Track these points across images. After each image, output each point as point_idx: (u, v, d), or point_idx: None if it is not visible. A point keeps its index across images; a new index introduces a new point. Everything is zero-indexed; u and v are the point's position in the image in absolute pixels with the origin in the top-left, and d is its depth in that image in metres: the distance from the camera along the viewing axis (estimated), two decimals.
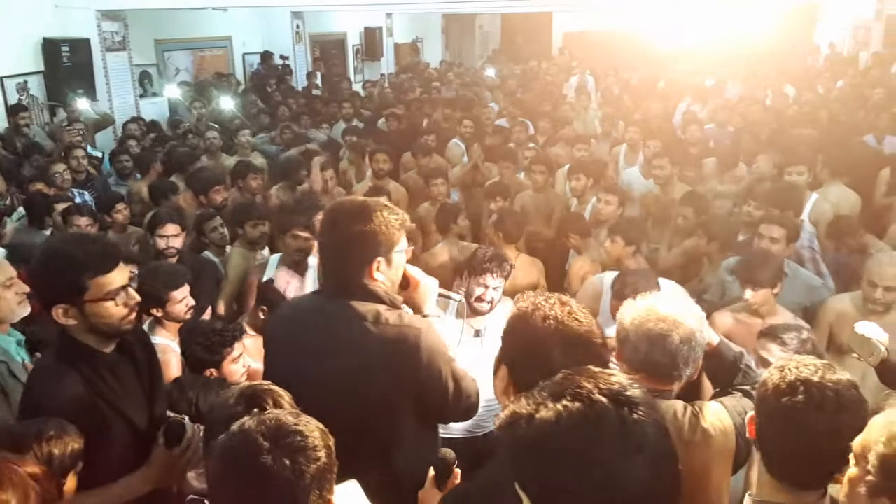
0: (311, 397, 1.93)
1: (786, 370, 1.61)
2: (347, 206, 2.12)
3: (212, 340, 2.85)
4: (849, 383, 1.59)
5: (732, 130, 7.77)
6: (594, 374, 1.17)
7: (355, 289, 2.06)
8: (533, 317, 1.67)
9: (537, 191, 5.94)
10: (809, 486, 1.57)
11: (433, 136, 7.48)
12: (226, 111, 9.26)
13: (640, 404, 1.11)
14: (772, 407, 1.60)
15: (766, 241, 3.86)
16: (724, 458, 1.90)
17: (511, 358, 1.69)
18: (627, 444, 1.07)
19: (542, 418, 1.10)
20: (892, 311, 3.46)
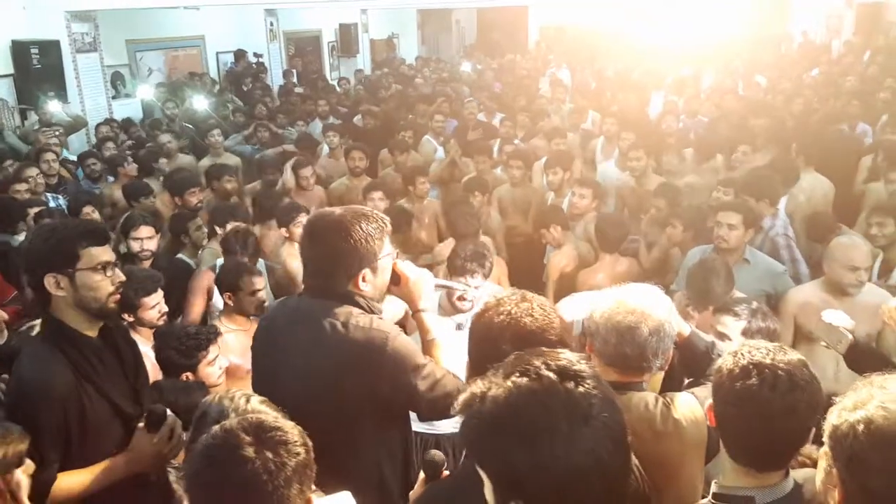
0: (285, 394, 1.98)
1: (738, 355, 1.63)
2: (326, 221, 2.11)
3: (186, 344, 2.84)
4: (800, 363, 1.62)
5: (706, 121, 7.81)
6: (543, 352, 1.21)
7: (337, 293, 2.09)
8: (490, 313, 1.73)
9: (514, 185, 5.95)
10: (771, 468, 1.60)
11: (410, 132, 7.47)
12: (200, 111, 9.17)
13: (587, 378, 1.15)
14: (727, 392, 1.62)
15: (724, 229, 3.89)
16: (696, 448, 1.93)
17: (470, 352, 1.76)
18: (575, 415, 1.10)
19: (492, 396, 1.14)
20: (855, 296, 3.52)
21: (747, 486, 1.60)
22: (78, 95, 9.20)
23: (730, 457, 1.64)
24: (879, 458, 1.26)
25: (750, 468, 1.60)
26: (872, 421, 1.28)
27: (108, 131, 7.96)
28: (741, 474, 1.62)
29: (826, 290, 3.62)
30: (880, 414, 1.28)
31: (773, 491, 1.58)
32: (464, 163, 6.89)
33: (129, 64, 10.94)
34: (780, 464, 1.60)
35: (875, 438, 1.27)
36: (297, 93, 11.24)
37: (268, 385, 2.12)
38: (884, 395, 1.31)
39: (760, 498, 1.58)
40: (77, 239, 2.12)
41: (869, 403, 1.31)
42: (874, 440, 1.27)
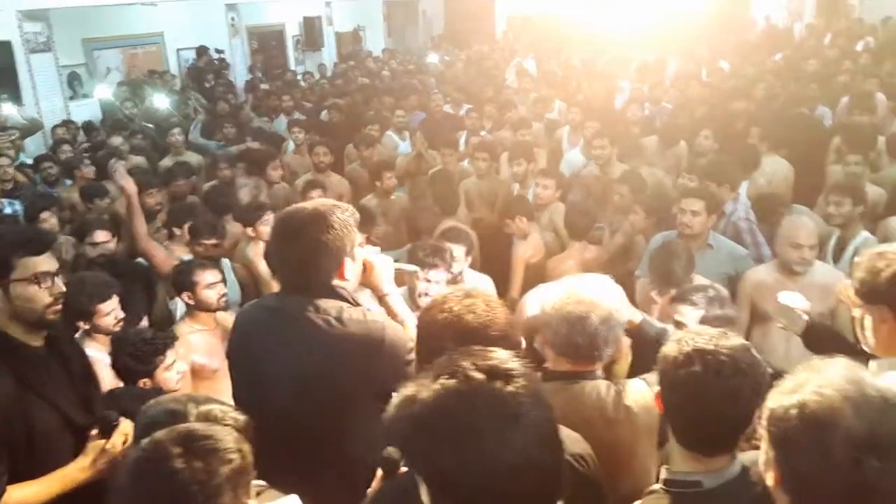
0: (271, 397, 2.03)
1: (682, 342, 1.65)
2: (304, 214, 2.09)
3: (142, 350, 2.79)
4: (742, 347, 1.64)
5: (670, 108, 7.85)
6: (474, 352, 1.20)
7: (319, 288, 2.09)
8: (434, 310, 1.73)
9: (481, 177, 5.94)
10: (717, 452, 1.62)
11: (377, 126, 7.41)
12: (161, 109, 9.02)
13: (517, 377, 1.14)
14: (673, 379, 1.64)
15: (687, 216, 3.94)
16: (648, 433, 1.96)
17: (417, 350, 1.78)
18: (503, 415, 1.10)
19: (421, 398, 1.14)
20: (808, 275, 3.60)
21: (695, 471, 1.62)
22: (33, 97, 8.99)
23: (677, 442, 1.66)
24: (810, 442, 1.27)
25: (697, 453, 1.63)
26: (806, 405, 1.29)
27: (64, 133, 7.80)
28: (689, 459, 1.64)
29: (780, 270, 3.70)
30: (814, 399, 1.29)
31: (721, 475, 1.61)
32: (431, 156, 6.87)
33: (86, 63, 10.73)
34: (727, 448, 1.63)
35: (807, 422, 1.28)
36: (261, 88, 11.10)
37: (254, 389, 2.11)
38: (820, 380, 1.32)
39: (708, 482, 1.61)
40: (11, 249, 2.07)
41: (805, 387, 1.32)
42: (806, 424, 1.28)
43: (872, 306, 1.91)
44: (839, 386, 1.30)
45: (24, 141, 8.08)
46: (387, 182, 5.73)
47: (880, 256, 1.91)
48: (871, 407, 1.27)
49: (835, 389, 1.29)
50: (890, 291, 1.85)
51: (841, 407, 1.27)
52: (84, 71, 10.59)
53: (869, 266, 1.91)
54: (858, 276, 1.94)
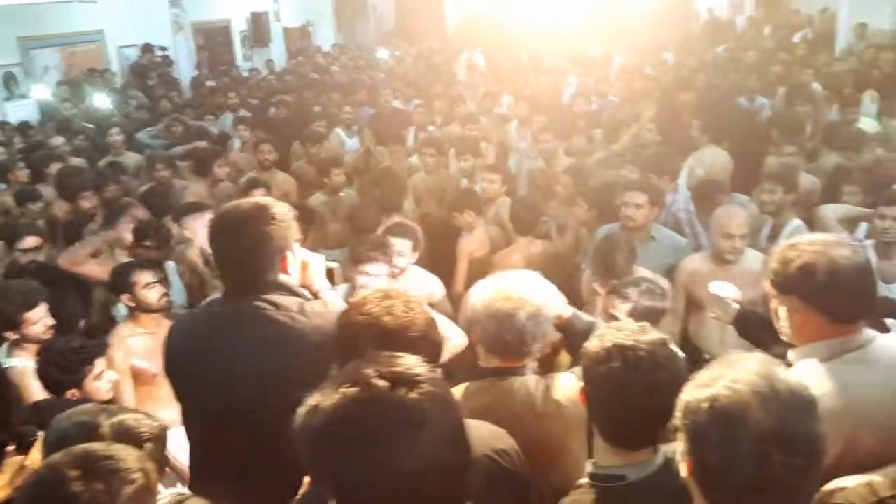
0: (231, 399, 1.99)
1: (602, 338, 1.69)
2: (245, 209, 2.07)
3: (69, 359, 2.69)
4: (660, 342, 1.67)
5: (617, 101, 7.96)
6: (379, 358, 1.19)
7: (268, 285, 2.06)
8: (352, 311, 1.72)
9: (429, 173, 5.94)
10: (640, 446, 1.65)
11: (324, 122, 7.35)
12: (101, 109, 8.79)
13: (422, 382, 1.13)
14: (594, 374, 1.67)
15: (631, 208, 3.99)
16: (578, 426, 1.97)
17: (336, 352, 1.74)
18: (407, 422, 1.09)
19: (324, 408, 1.12)
20: (740, 263, 3.67)
21: (619, 465, 1.65)
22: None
23: (601, 437, 1.68)
24: (718, 436, 1.30)
25: (620, 448, 1.65)
26: (717, 399, 1.31)
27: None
28: (613, 453, 1.66)
29: (713, 259, 3.78)
30: (725, 393, 1.31)
31: (644, 467, 1.64)
32: (379, 152, 6.85)
33: (22, 63, 10.39)
34: (649, 441, 1.65)
35: (717, 416, 1.30)
36: (207, 85, 10.91)
37: (210, 393, 2.05)
38: (732, 374, 1.34)
39: (632, 475, 1.63)
40: None
41: (718, 382, 1.34)
42: (716, 418, 1.30)
43: (785, 296, 1.92)
44: (750, 381, 1.32)
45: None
46: (335, 179, 5.69)
47: (792, 247, 1.91)
48: (780, 402, 1.29)
49: (745, 384, 1.31)
50: (800, 282, 1.86)
51: (750, 402, 1.29)
52: (20, 71, 10.26)
53: (780, 257, 1.92)
54: (771, 266, 1.95)
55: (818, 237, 1.93)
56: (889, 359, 1.86)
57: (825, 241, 1.89)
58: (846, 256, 1.83)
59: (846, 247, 1.87)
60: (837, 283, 1.81)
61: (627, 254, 3.46)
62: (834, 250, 1.84)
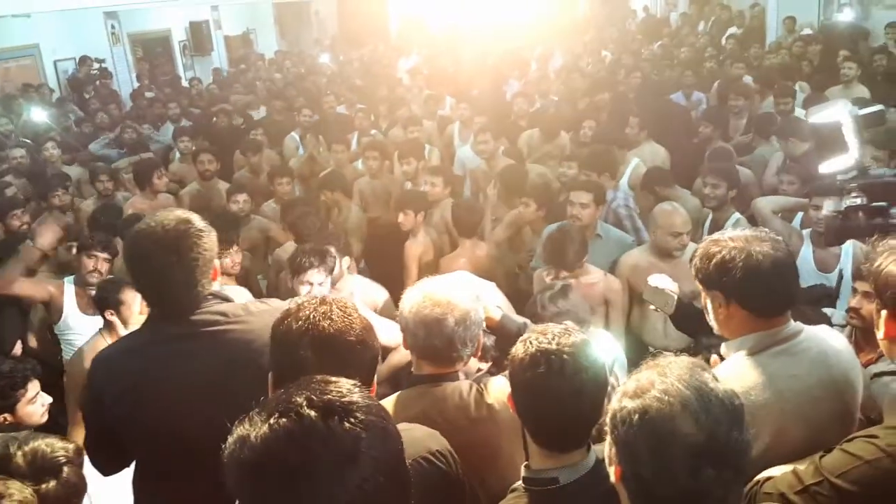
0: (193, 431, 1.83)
1: (527, 343, 1.68)
2: (173, 227, 1.99)
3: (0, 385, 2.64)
4: (583, 343, 1.68)
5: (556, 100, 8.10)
6: (311, 385, 1.14)
7: (205, 298, 2.04)
8: (289, 319, 1.66)
9: (373, 177, 5.97)
10: (570, 448, 1.65)
11: (261, 130, 7.32)
12: (39, 124, 8.60)
13: (356, 411, 1.08)
14: (520, 380, 1.67)
15: (577, 208, 4.08)
16: (512, 430, 1.92)
17: (273, 364, 1.67)
18: (338, 455, 1.05)
19: (251, 441, 1.06)
20: (678, 257, 3.76)
21: (551, 468, 1.65)
22: None
23: (532, 440, 1.68)
24: (648, 449, 1.31)
25: (552, 450, 1.65)
26: (647, 412, 1.32)
27: None
28: (545, 457, 1.66)
29: (653, 253, 3.87)
30: (655, 406, 1.32)
31: (576, 469, 1.64)
32: (324, 157, 6.85)
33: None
34: (579, 442, 1.66)
35: (647, 430, 1.31)
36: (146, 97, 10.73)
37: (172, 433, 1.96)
38: (663, 385, 1.35)
39: (564, 477, 1.63)
40: None
41: (648, 392, 1.35)
42: (646, 431, 1.31)
43: (709, 291, 1.93)
44: (680, 392, 1.32)
45: None
46: (279, 188, 5.70)
47: (714, 242, 1.92)
48: (710, 416, 1.30)
49: (675, 396, 1.32)
50: (720, 278, 1.87)
51: (681, 415, 1.30)
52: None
53: (703, 252, 1.93)
54: (695, 262, 1.96)
55: (740, 233, 1.93)
56: (816, 351, 1.87)
57: (746, 237, 1.89)
58: (764, 252, 1.83)
59: (767, 241, 1.87)
60: (755, 279, 1.82)
61: (579, 246, 3.60)
62: (753, 245, 1.84)
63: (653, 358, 1.46)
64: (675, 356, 1.44)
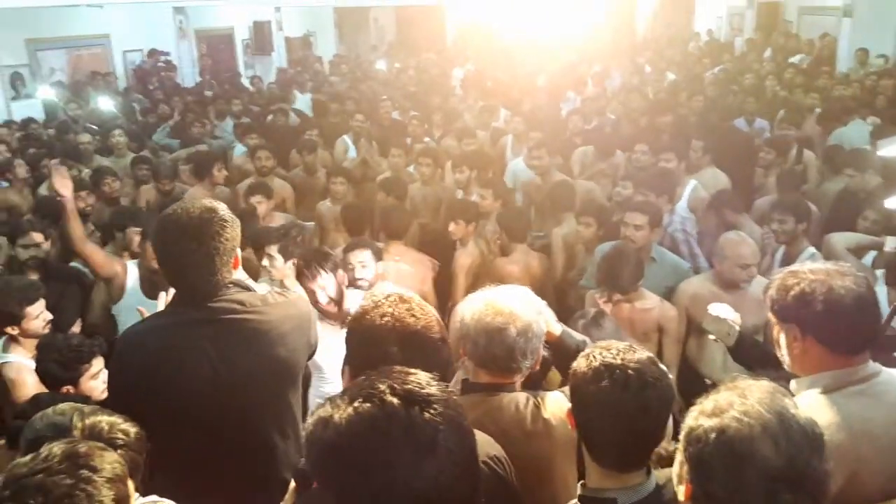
0: (202, 416, 2.01)
1: (590, 357, 1.66)
2: (197, 215, 2.04)
3: (67, 356, 2.72)
4: (649, 360, 1.65)
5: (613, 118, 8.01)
6: (393, 373, 1.16)
7: (225, 286, 2.09)
8: (370, 315, 1.66)
9: (425, 183, 5.98)
10: (631, 468, 1.62)
11: (316, 131, 7.40)
12: (105, 112, 8.85)
13: (435, 403, 1.10)
14: (583, 395, 1.64)
15: (630, 229, 3.97)
16: (566, 446, 1.93)
17: (352, 357, 1.68)
18: (418, 444, 1.06)
19: (335, 422, 1.09)
20: (742, 288, 3.62)
21: (610, 488, 1.61)
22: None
23: (591, 458, 1.65)
24: (725, 468, 1.28)
25: (611, 469, 1.62)
26: (724, 431, 1.30)
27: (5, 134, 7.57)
28: (604, 476, 1.63)
29: (716, 282, 3.72)
30: (734, 426, 1.30)
31: (636, 491, 1.60)
32: (376, 162, 6.90)
33: (30, 64, 10.46)
34: (640, 463, 1.63)
35: (724, 449, 1.29)
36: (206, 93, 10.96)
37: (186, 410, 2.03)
38: (742, 406, 1.32)
39: (623, 499, 1.60)
40: None
41: (726, 412, 1.32)
42: (722, 450, 1.29)
43: (784, 324, 1.87)
44: (760, 415, 1.30)
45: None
46: (333, 188, 5.75)
47: (792, 274, 1.87)
48: (790, 440, 1.28)
49: (755, 418, 1.29)
50: (798, 311, 1.81)
51: (760, 438, 1.27)
52: (27, 71, 10.33)
53: (780, 283, 1.87)
54: (770, 294, 1.91)
55: (821, 265, 1.87)
56: (894, 393, 1.80)
57: (827, 270, 1.83)
58: (846, 286, 1.78)
59: (848, 276, 1.81)
60: (836, 314, 1.76)
61: (635, 268, 3.49)
62: (835, 279, 1.79)
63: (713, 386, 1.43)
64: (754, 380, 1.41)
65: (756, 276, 3.64)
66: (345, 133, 7.68)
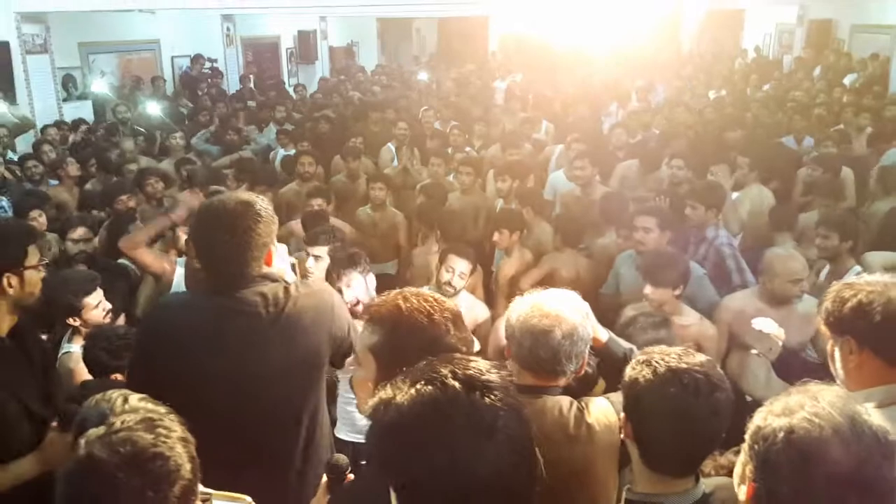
0: (217, 402, 2.02)
1: (652, 363, 1.63)
2: (232, 207, 2.11)
3: (116, 345, 2.78)
4: (710, 363, 1.63)
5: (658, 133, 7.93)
6: (453, 359, 1.17)
7: (253, 279, 2.12)
8: (373, 308, 1.64)
9: (465, 192, 5.98)
10: (686, 473, 1.61)
11: (361, 139, 7.47)
12: (153, 116, 9.06)
13: (495, 389, 1.11)
14: (648, 403, 1.61)
15: (640, 233, 3.99)
16: (608, 452, 1.92)
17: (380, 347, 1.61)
18: (478, 427, 1.07)
19: (397, 403, 1.11)
20: (789, 305, 3.56)
21: (659, 493, 1.60)
22: (27, 97, 9.03)
23: (646, 466, 1.63)
24: (791, 469, 1.26)
25: (664, 475, 1.60)
26: (794, 431, 1.28)
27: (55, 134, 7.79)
28: (654, 481, 1.62)
29: (762, 299, 3.65)
30: (804, 426, 1.28)
31: (685, 497, 1.59)
32: (417, 170, 6.93)
33: (82, 66, 10.76)
34: (694, 468, 1.62)
35: (792, 448, 1.27)
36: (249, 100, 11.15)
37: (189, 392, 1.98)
38: (813, 408, 1.30)
39: (671, 503, 1.58)
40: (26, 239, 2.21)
41: (797, 413, 1.30)
42: (791, 450, 1.27)
43: (839, 337, 1.86)
44: (831, 417, 1.27)
45: (14, 139, 8.10)
46: (373, 193, 5.78)
47: (848, 287, 1.86)
48: (861, 444, 1.25)
49: (826, 420, 1.27)
50: (855, 322, 1.79)
51: (831, 440, 1.25)
52: (79, 74, 10.62)
53: (835, 296, 1.86)
54: (825, 306, 1.89)
55: (877, 278, 1.86)
56: None
57: (884, 282, 1.82)
58: None
59: None
60: (894, 325, 1.74)
61: (677, 268, 3.49)
62: (893, 291, 1.78)
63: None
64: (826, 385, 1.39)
65: (806, 290, 3.59)
66: (387, 141, 7.74)
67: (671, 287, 3.41)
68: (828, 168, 5.80)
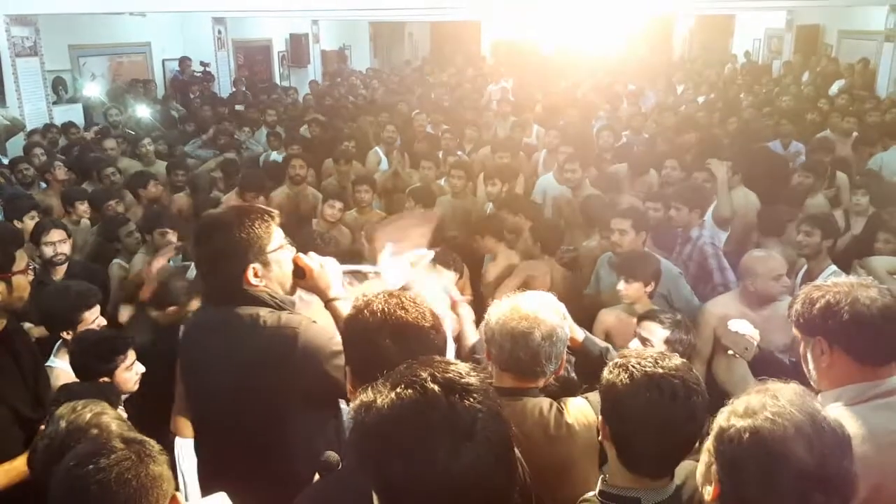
0: (212, 409, 2.09)
1: (629, 368, 1.62)
2: (211, 219, 2.15)
3: (103, 348, 2.77)
4: (685, 366, 1.64)
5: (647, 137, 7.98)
6: (433, 363, 1.19)
7: (236, 295, 2.06)
8: (362, 314, 1.66)
9: (456, 196, 6.00)
10: (662, 475, 1.62)
11: (353, 142, 7.48)
12: (143, 119, 9.06)
13: (474, 392, 1.13)
14: (625, 407, 1.61)
15: (616, 235, 4.04)
16: (588, 451, 1.95)
17: (350, 356, 1.70)
18: (458, 430, 1.09)
19: (377, 406, 1.13)
20: (772, 307, 3.59)
21: (635, 488, 1.62)
22: (17, 99, 9.00)
23: (624, 467, 1.63)
24: (758, 468, 1.29)
25: (645, 477, 1.61)
26: (758, 431, 1.30)
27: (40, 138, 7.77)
28: (631, 480, 1.63)
29: (743, 302, 3.68)
30: (767, 427, 1.30)
31: (660, 492, 1.61)
32: (407, 174, 6.95)
33: (72, 69, 10.74)
34: (671, 469, 1.63)
35: (757, 449, 1.29)
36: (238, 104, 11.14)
37: (200, 400, 2.17)
38: (775, 408, 1.33)
39: (647, 499, 1.60)
40: (13, 244, 2.29)
41: (760, 413, 1.32)
42: (756, 451, 1.30)
43: (810, 338, 1.88)
44: (793, 416, 1.30)
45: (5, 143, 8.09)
46: (358, 195, 5.79)
47: (816, 288, 1.89)
48: (822, 441, 1.29)
49: (789, 420, 1.30)
50: (824, 322, 1.82)
51: (794, 438, 1.28)
52: (69, 77, 10.60)
53: (804, 298, 1.88)
54: (795, 308, 1.91)
55: (844, 279, 1.89)
56: None
57: (851, 283, 1.86)
58: (871, 297, 1.80)
59: (873, 288, 1.84)
60: (862, 323, 1.77)
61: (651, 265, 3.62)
62: (859, 291, 1.82)
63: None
64: (783, 383, 1.42)
65: (790, 286, 3.62)
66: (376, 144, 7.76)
67: (643, 282, 3.50)
68: (817, 174, 5.85)
